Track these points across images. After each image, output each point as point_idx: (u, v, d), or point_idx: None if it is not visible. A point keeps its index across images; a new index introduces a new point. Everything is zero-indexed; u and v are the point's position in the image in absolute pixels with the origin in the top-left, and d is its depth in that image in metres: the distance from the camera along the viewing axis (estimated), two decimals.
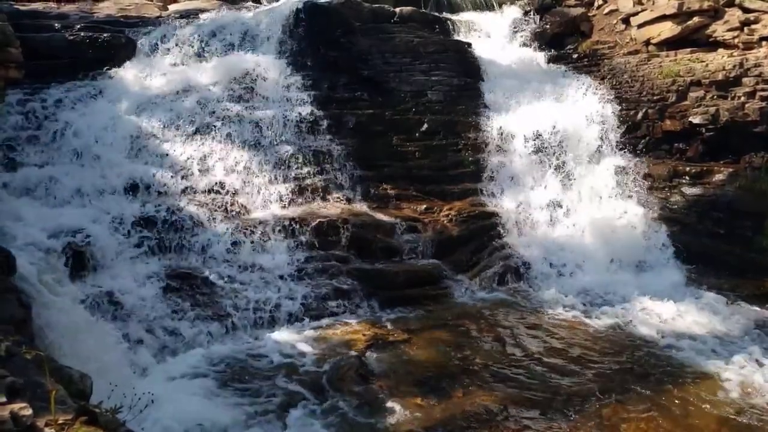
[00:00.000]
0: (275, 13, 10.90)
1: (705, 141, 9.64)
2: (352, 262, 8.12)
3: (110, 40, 9.84)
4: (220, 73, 9.92)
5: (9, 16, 7.56)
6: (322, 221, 8.21)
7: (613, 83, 10.59)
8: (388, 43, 10.97)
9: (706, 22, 10.20)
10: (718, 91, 9.40)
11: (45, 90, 8.87)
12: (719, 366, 6.34)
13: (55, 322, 5.40)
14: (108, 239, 7.26)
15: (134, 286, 6.93)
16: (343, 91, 10.21)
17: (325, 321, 7.28)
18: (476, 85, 10.86)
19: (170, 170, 8.43)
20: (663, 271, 8.81)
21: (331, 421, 5.39)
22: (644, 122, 10.08)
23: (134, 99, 9.10)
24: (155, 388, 4.98)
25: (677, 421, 5.43)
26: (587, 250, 8.96)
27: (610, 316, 7.53)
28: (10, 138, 8.19)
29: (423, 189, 9.45)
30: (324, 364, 6.24)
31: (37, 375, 3.18)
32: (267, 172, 8.81)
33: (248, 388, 5.82)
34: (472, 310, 7.72)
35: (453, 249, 8.71)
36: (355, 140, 9.59)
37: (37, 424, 2.64)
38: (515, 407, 5.62)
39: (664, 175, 9.58)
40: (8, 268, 5.30)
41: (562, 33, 12.07)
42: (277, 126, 9.33)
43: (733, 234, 8.77)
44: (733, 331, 7.17)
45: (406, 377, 6.08)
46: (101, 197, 7.90)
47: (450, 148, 10.02)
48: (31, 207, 7.44)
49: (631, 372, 6.26)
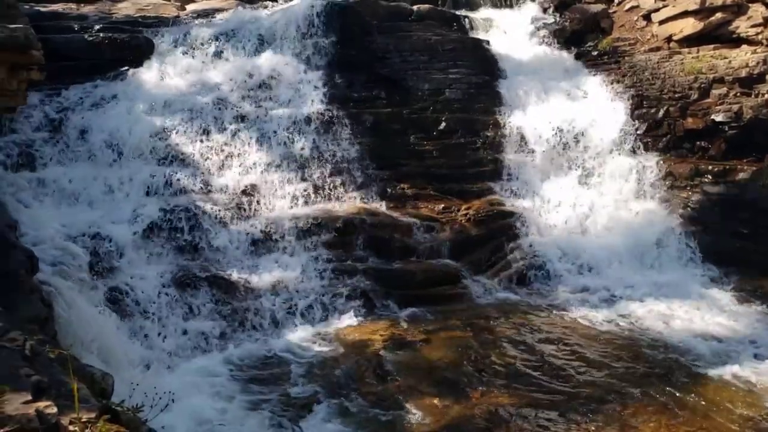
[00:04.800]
0: (292, 12, 10.90)
1: (728, 139, 9.47)
2: (369, 261, 8.11)
3: (129, 40, 9.92)
4: (237, 72, 9.95)
5: (30, 17, 7.64)
6: (339, 221, 8.21)
7: (633, 80, 10.44)
8: (405, 42, 10.92)
9: (729, 17, 10.03)
10: (741, 88, 9.24)
11: (65, 91, 8.97)
12: (740, 367, 6.24)
13: (76, 320, 5.46)
14: (126, 239, 7.33)
15: (152, 286, 6.98)
16: (361, 90, 10.19)
17: (343, 320, 7.28)
18: (495, 83, 10.77)
19: (188, 170, 8.48)
20: (684, 270, 8.70)
21: (349, 420, 5.38)
22: (666, 120, 9.93)
23: (152, 99, 9.16)
24: (174, 387, 5.01)
25: (698, 422, 5.37)
26: (607, 250, 8.86)
27: (627, 316, 7.45)
28: (31, 139, 8.29)
29: (441, 188, 9.40)
30: (342, 364, 6.25)
31: (60, 374, 3.21)
32: (284, 171, 8.82)
33: (266, 388, 5.84)
34: (490, 310, 7.67)
35: (471, 249, 8.66)
36: (373, 139, 9.57)
37: (61, 422, 2.66)
38: (533, 408, 5.58)
39: (686, 173, 9.44)
40: (31, 267, 5.36)
41: (581, 30, 11.92)
42: (295, 125, 9.34)
43: (757, 233, 8.62)
44: (754, 332, 7.06)
45: (424, 377, 6.07)
46: (120, 197, 7.96)
47: (468, 146, 9.96)
48: (52, 207, 7.54)
49: (650, 373, 6.19)
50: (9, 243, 5.56)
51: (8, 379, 2.87)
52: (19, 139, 8.20)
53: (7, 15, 6.41)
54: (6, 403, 2.63)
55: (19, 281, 5.01)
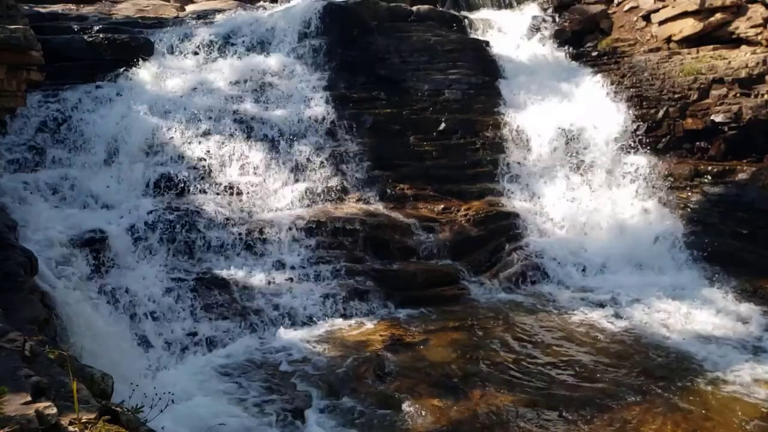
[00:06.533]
0: (291, 12, 10.92)
1: (727, 139, 9.48)
2: (369, 262, 8.11)
3: (128, 41, 9.93)
4: (236, 73, 9.97)
5: (30, 18, 7.65)
6: (338, 221, 8.21)
7: (633, 81, 10.44)
8: (405, 42, 10.93)
9: (729, 18, 10.03)
10: (741, 89, 9.24)
11: (64, 91, 8.97)
12: (738, 367, 6.24)
13: (76, 321, 5.46)
14: (126, 239, 7.34)
15: (151, 286, 6.98)
16: (360, 91, 10.19)
17: (342, 321, 7.28)
18: (494, 84, 10.78)
19: (187, 170, 8.48)
20: (683, 271, 8.69)
21: (348, 421, 5.38)
22: (665, 121, 9.94)
23: (152, 100, 9.17)
24: (173, 387, 5.01)
25: (698, 423, 5.36)
26: (606, 251, 8.85)
27: (628, 317, 7.44)
28: (31, 139, 8.31)
29: (440, 189, 9.41)
30: (341, 364, 6.24)
31: (60, 374, 3.21)
32: (284, 172, 8.83)
33: (265, 387, 5.83)
34: (490, 310, 7.66)
35: (471, 249, 8.66)
36: (372, 140, 9.58)
37: (61, 423, 2.66)
38: (533, 409, 5.58)
39: (686, 174, 9.44)
40: (31, 268, 5.36)
41: (581, 30, 11.93)
42: (294, 126, 9.35)
43: (756, 234, 8.62)
44: (754, 333, 7.05)
45: (423, 378, 6.06)
46: (119, 197, 7.97)
47: (468, 147, 9.96)
48: (52, 207, 7.53)
49: (650, 373, 6.18)
50: (8, 243, 5.57)
51: (8, 380, 2.87)
52: (18, 140, 8.21)
53: (7, 16, 6.42)
54: (6, 403, 2.63)
55: (18, 282, 5.01)
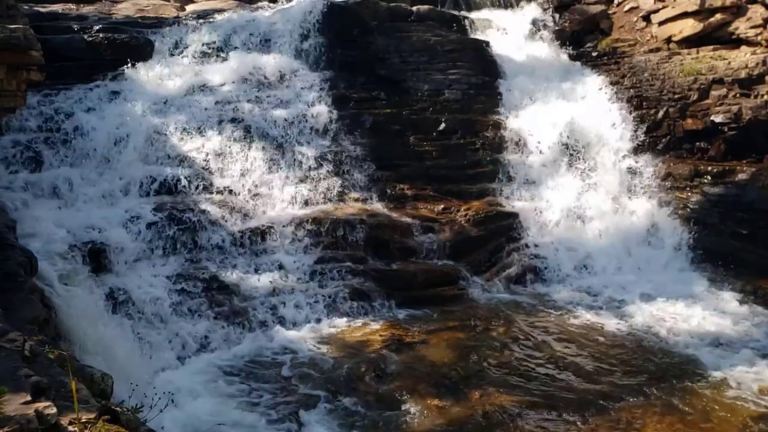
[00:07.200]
0: (292, 12, 10.90)
1: (727, 140, 9.48)
2: (369, 262, 8.11)
3: (128, 41, 9.92)
4: (236, 73, 9.95)
5: (30, 18, 7.64)
6: (338, 221, 8.20)
7: (633, 81, 10.45)
8: (405, 42, 10.93)
9: (729, 19, 10.04)
10: (740, 89, 9.24)
11: (64, 91, 8.95)
12: (738, 368, 6.24)
13: (75, 322, 5.46)
14: (125, 239, 7.31)
15: (151, 286, 6.97)
16: (360, 91, 10.19)
17: (343, 321, 7.28)
18: (494, 84, 10.78)
19: (187, 170, 8.47)
20: (683, 271, 8.71)
21: (349, 421, 5.38)
22: (665, 121, 9.94)
23: (152, 100, 9.16)
24: (173, 387, 5.01)
25: (696, 423, 5.36)
26: (605, 251, 8.87)
27: (627, 318, 7.45)
28: (31, 140, 8.27)
29: (440, 189, 9.40)
30: (342, 365, 6.24)
31: (60, 374, 3.21)
32: (284, 172, 8.82)
33: (266, 388, 5.84)
34: (489, 310, 7.67)
35: (471, 249, 8.66)
36: (372, 140, 9.57)
37: (61, 423, 2.66)
38: (532, 409, 5.58)
39: (686, 174, 9.44)
40: (30, 268, 5.36)
41: (581, 31, 11.94)
42: (294, 126, 9.34)
43: (756, 234, 8.62)
44: (754, 333, 7.06)
45: (424, 378, 6.06)
46: (119, 198, 7.96)
47: (468, 147, 9.96)
48: (51, 208, 7.52)
49: (648, 374, 6.19)
50: (8, 244, 5.57)
51: (8, 380, 2.87)
52: (18, 140, 8.19)
53: (7, 15, 6.41)
54: (5, 403, 2.63)
55: (18, 282, 5.01)
